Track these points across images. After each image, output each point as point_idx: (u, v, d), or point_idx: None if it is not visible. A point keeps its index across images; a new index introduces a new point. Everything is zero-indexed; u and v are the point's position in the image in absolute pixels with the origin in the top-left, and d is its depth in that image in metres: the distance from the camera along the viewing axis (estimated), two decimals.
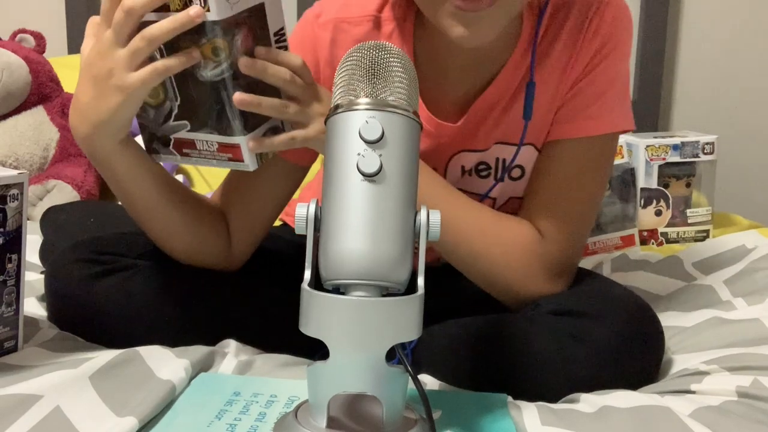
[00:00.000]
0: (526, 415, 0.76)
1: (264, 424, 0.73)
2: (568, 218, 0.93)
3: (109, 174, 0.88)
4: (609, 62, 0.93)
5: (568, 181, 0.94)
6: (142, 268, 0.94)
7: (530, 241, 0.92)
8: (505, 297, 0.94)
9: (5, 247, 0.84)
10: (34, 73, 1.74)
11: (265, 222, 1.00)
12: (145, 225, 0.93)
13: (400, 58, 0.67)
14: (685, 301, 1.11)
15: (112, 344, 0.88)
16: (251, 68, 0.79)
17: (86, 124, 0.82)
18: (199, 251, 0.95)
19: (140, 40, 0.76)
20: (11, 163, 1.66)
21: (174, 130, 0.85)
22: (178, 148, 0.86)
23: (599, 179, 0.96)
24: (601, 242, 1.50)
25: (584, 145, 0.94)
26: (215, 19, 0.75)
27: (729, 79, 2.09)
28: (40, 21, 2.08)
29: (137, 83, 0.77)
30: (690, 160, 1.54)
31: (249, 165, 0.84)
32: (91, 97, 0.80)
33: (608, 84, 0.94)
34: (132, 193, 0.89)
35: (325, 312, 0.63)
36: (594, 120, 0.93)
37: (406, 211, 0.64)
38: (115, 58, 0.77)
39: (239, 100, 0.79)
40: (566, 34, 0.93)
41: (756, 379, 0.80)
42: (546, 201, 0.94)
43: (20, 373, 0.80)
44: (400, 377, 0.65)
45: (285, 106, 0.82)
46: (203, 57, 0.78)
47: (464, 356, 0.87)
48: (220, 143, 0.83)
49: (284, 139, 0.84)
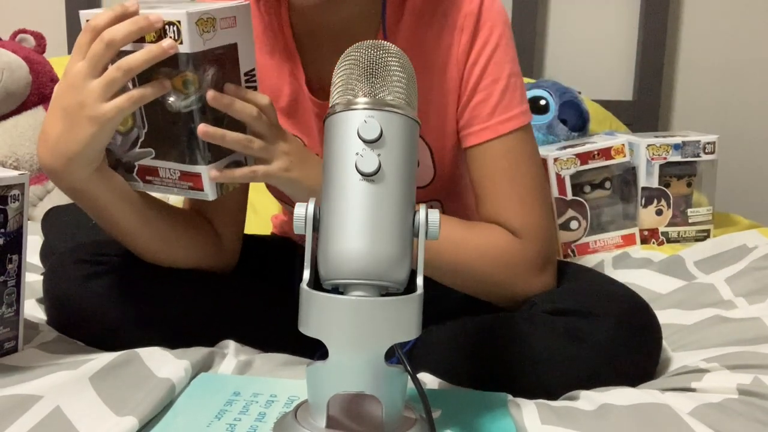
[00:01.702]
0: (526, 414, 0.76)
1: (264, 424, 0.73)
2: (531, 211, 0.93)
3: (88, 203, 0.87)
4: (491, 60, 0.93)
5: (511, 178, 0.94)
6: (140, 270, 0.94)
7: (507, 241, 0.92)
8: (496, 300, 0.94)
9: (6, 247, 0.84)
10: (35, 73, 1.74)
11: (244, 208, 1.02)
12: (132, 244, 0.93)
13: (398, 57, 0.67)
14: (686, 300, 1.11)
15: (109, 346, 0.88)
16: (218, 101, 0.81)
17: (58, 158, 0.81)
18: (192, 258, 0.96)
19: (116, 71, 0.77)
20: (11, 163, 1.66)
21: (139, 156, 0.86)
22: (141, 175, 0.87)
23: (535, 162, 0.96)
24: (602, 241, 1.50)
25: (508, 140, 0.94)
26: (187, 51, 0.78)
27: (729, 79, 2.09)
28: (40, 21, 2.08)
29: (112, 112, 0.78)
30: (691, 160, 1.54)
31: (209, 194, 0.85)
32: (62, 131, 0.80)
33: (501, 79, 0.94)
34: (113, 218, 0.89)
35: (325, 312, 0.63)
36: (505, 115, 0.93)
37: (405, 210, 0.64)
38: (88, 89, 0.78)
39: (203, 131, 0.80)
40: (436, 28, 0.94)
41: (756, 377, 0.80)
42: (502, 202, 0.94)
43: (20, 374, 0.80)
44: (400, 376, 0.65)
45: (250, 141, 0.83)
46: (174, 88, 0.80)
47: (463, 356, 0.87)
48: (182, 171, 0.85)
49: (245, 172, 0.85)
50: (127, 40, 0.77)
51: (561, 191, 1.48)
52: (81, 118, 0.78)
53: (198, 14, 0.78)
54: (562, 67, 2.08)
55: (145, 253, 0.93)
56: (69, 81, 0.79)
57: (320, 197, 0.66)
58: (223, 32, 0.81)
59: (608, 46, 2.09)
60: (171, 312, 0.92)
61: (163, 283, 0.93)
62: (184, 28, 0.77)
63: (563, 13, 2.09)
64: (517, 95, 0.94)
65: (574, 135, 1.67)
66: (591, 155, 1.49)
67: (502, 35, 0.94)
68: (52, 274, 0.96)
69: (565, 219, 1.49)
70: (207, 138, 0.81)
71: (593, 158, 1.50)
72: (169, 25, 0.78)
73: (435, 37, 0.93)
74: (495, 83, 0.93)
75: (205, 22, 0.79)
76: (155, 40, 0.78)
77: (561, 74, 1.99)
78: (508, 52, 0.95)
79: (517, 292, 0.92)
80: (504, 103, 0.93)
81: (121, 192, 0.87)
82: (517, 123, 0.93)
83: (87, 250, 0.96)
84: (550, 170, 1.48)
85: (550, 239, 0.96)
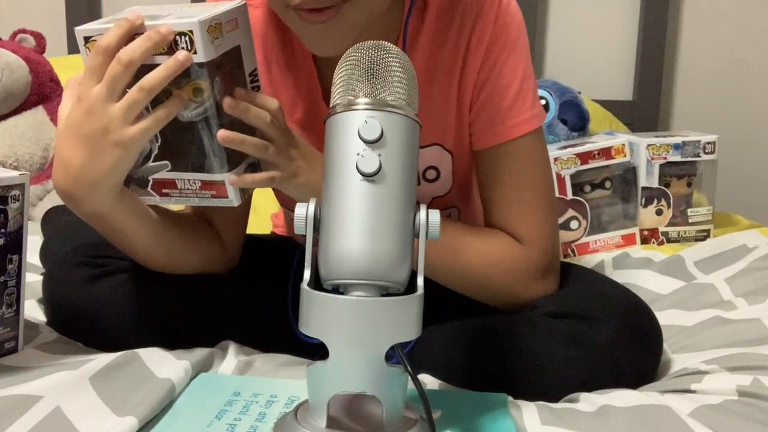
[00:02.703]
0: (526, 415, 0.76)
1: (264, 424, 0.73)
2: (535, 217, 0.93)
3: (107, 226, 0.86)
4: (505, 63, 0.93)
5: (518, 184, 0.94)
6: (139, 271, 0.93)
7: (512, 248, 0.92)
8: (498, 304, 0.95)
9: (6, 248, 0.84)
10: (35, 73, 1.74)
11: (247, 210, 1.02)
12: (140, 257, 0.92)
13: (399, 57, 0.67)
14: (686, 300, 1.11)
15: (109, 348, 0.88)
16: (235, 109, 0.79)
17: (83, 186, 0.79)
18: (196, 263, 0.96)
19: (138, 92, 0.75)
20: (11, 163, 1.66)
21: (153, 170, 0.85)
22: (157, 188, 0.86)
23: (544, 169, 0.96)
24: (602, 241, 1.50)
25: (518, 144, 0.93)
26: (202, 60, 0.77)
27: (729, 79, 2.09)
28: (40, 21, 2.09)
29: (138, 134, 0.77)
30: (691, 160, 1.54)
31: (233, 201, 0.84)
32: (86, 158, 0.78)
33: (514, 83, 0.93)
34: (128, 238, 0.88)
35: (325, 312, 0.63)
36: (516, 119, 0.93)
37: (406, 210, 0.64)
38: (109, 114, 0.76)
39: (224, 137, 0.79)
40: (453, 37, 0.93)
41: (756, 378, 0.80)
42: (508, 207, 0.94)
43: (20, 374, 0.80)
44: (400, 377, 0.65)
45: (266, 146, 0.82)
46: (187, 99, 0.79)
47: (463, 357, 0.87)
48: (203, 181, 0.83)
49: (264, 177, 0.84)
50: (144, 58, 0.75)
51: (561, 191, 1.48)
52: (106, 144, 0.77)
53: (207, 21, 0.77)
54: (562, 67, 2.08)
55: (151, 265, 0.93)
56: (86, 106, 0.77)
57: (321, 197, 0.66)
58: (228, 36, 0.81)
59: (608, 46, 2.10)
60: (171, 315, 0.92)
61: (163, 285, 0.93)
62: (197, 38, 0.76)
63: (563, 13, 2.09)
64: (528, 99, 0.94)
65: (574, 135, 1.67)
66: (591, 155, 1.50)
67: (518, 38, 0.94)
68: (51, 277, 0.96)
69: (565, 219, 1.49)
70: (227, 143, 0.80)
71: (593, 158, 1.50)
72: (180, 36, 0.76)
73: (453, 43, 0.92)
74: (509, 87, 0.93)
75: (214, 28, 0.78)
76: (165, 51, 0.76)
77: (561, 74, 1.99)
78: (522, 55, 0.94)
79: (518, 297, 0.92)
80: (516, 106, 0.92)
81: (140, 212, 0.87)
82: (528, 127, 0.93)
83: (86, 253, 0.95)
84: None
85: (554, 247, 0.95)
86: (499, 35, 0.92)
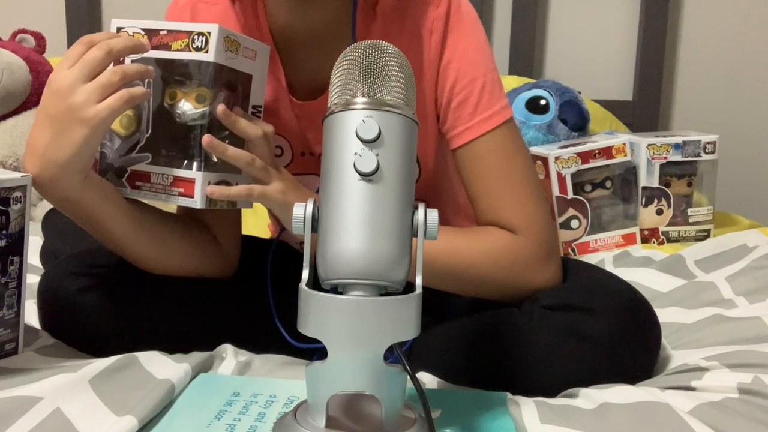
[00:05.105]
0: (526, 413, 0.76)
1: (263, 424, 0.73)
2: (524, 205, 0.93)
3: (81, 213, 0.87)
4: (464, 57, 0.94)
5: (500, 175, 0.94)
6: (135, 281, 0.93)
7: (507, 240, 0.92)
8: (504, 299, 0.94)
9: (7, 249, 0.84)
10: (35, 74, 1.75)
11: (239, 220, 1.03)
12: (129, 252, 0.92)
13: (396, 57, 0.67)
14: (686, 299, 1.11)
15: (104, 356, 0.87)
16: (226, 116, 0.84)
17: (49, 166, 0.80)
18: (192, 264, 0.96)
19: (112, 74, 0.78)
20: (11, 163, 1.66)
21: (134, 161, 0.88)
22: (131, 180, 0.88)
23: (523, 157, 0.96)
24: (603, 240, 1.50)
25: (493, 137, 0.94)
26: (211, 60, 0.82)
27: (729, 79, 2.09)
28: (40, 21, 2.09)
29: (104, 112, 0.78)
30: (691, 160, 1.54)
31: (197, 202, 0.86)
32: (51, 137, 0.79)
33: (478, 78, 0.94)
34: (106, 226, 0.88)
35: (324, 312, 0.63)
36: (486, 113, 0.93)
37: (404, 210, 0.64)
38: (78, 93, 0.78)
39: (207, 142, 0.83)
40: (407, 33, 0.94)
41: (757, 376, 0.80)
42: (496, 201, 0.94)
43: (20, 376, 0.80)
44: (399, 376, 0.65)
45: (253, 159, 0.85)
46: (186, 101, 0.84)
47: (462, 353, 0.87)
48: (175, 177, 0.86)
49: (241, 190, 0.85)
50: (122, 55, 0.81)
51: (562, 190, 1.48)
52: (71, 122, 0.78)
53: (227, 32, 0.83)
54: (562, 67, 2.08)
55: (142, 260, 0.93)
56: (55, 87, 0.79)
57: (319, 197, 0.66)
58: (243, 59, 0.86)
59: (608, 46, 2.10)
60: (167, 324, 0.92)
61: (158, 294, 0.93)
62: (213, 39, 0.82)
63: (563, 13, 2.09)
64: (495, 91, 0.95)
65: (574, 135, 1.67)
66: (592, 154, 1.50)
67: (473, 33, 0.95)
68: (46, 287, 0.94)
69: (565, 218, 1.49)
70: (210, 149, 0.83)
71: (594, 157, 1.50)
72: (198, 35, 0.82)
73: (406, 42, 0.93)
74: (473, 82, 0.93)
75: (231, 41, 0.84)
76: (183, 48, 0.82)
77: (561, 74, 2.00)
78: (481, 49, 0.95)
79: (524, 288, 0.92)
80: (484, 100, 0.93)
81: (113, 199, 0.87)
82: (500, 118, 0.94)
83: (80, 262, 0.94)
84: (551, 169, 1.48)
85: (549, 230, 0.96)
86: (453, 32, 0.93)
